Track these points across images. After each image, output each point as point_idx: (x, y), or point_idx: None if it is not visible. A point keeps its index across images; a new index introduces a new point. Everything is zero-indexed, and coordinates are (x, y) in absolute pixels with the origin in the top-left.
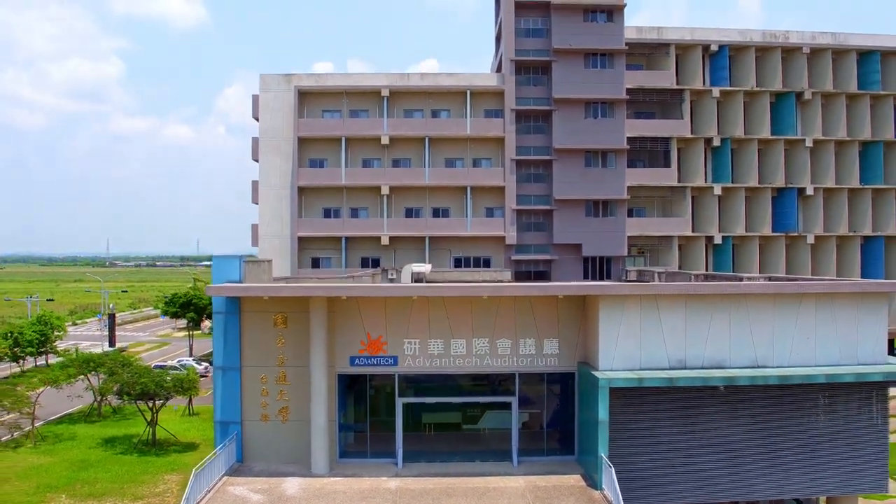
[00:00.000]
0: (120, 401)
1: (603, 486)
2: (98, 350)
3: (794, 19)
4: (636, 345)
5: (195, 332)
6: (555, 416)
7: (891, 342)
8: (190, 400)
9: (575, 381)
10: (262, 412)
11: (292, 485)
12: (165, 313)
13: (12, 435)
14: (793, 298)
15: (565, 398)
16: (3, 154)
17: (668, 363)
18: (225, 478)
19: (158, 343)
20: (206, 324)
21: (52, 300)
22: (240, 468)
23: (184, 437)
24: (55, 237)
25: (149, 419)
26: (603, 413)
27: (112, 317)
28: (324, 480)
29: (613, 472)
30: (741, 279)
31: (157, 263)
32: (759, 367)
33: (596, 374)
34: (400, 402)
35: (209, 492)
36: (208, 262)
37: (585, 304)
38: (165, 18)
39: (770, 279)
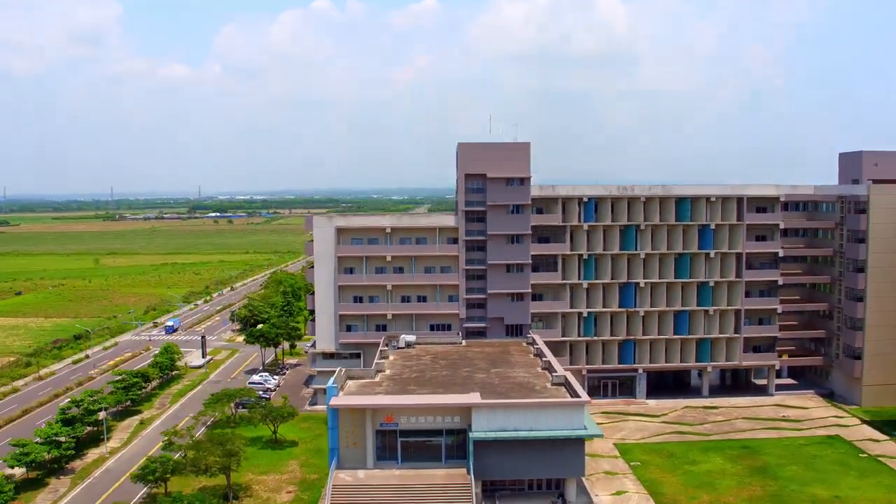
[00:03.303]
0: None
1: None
2: (196, 360)
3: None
4: (489, 419)
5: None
6: (460, 444)
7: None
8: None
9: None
10: (346, 444)
11: (360, 473)
12: (247, 340)
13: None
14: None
15: (465, 437)
16: (5, 99)
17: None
18: (336, 470)
19: (231, 350)
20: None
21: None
22: (339, 466)
23: (287, 437)
24: (58, 178)
25: (272, 429)
26: (471, 449)
27: (203, 339)
28: (372, 471)
29: (473, 473)
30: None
31: (165, 216)
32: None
33: (469, 433)
34: (399, 440)
35: (333, 475)
36: (215, 214)
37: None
38: None
39: (567, 369)
